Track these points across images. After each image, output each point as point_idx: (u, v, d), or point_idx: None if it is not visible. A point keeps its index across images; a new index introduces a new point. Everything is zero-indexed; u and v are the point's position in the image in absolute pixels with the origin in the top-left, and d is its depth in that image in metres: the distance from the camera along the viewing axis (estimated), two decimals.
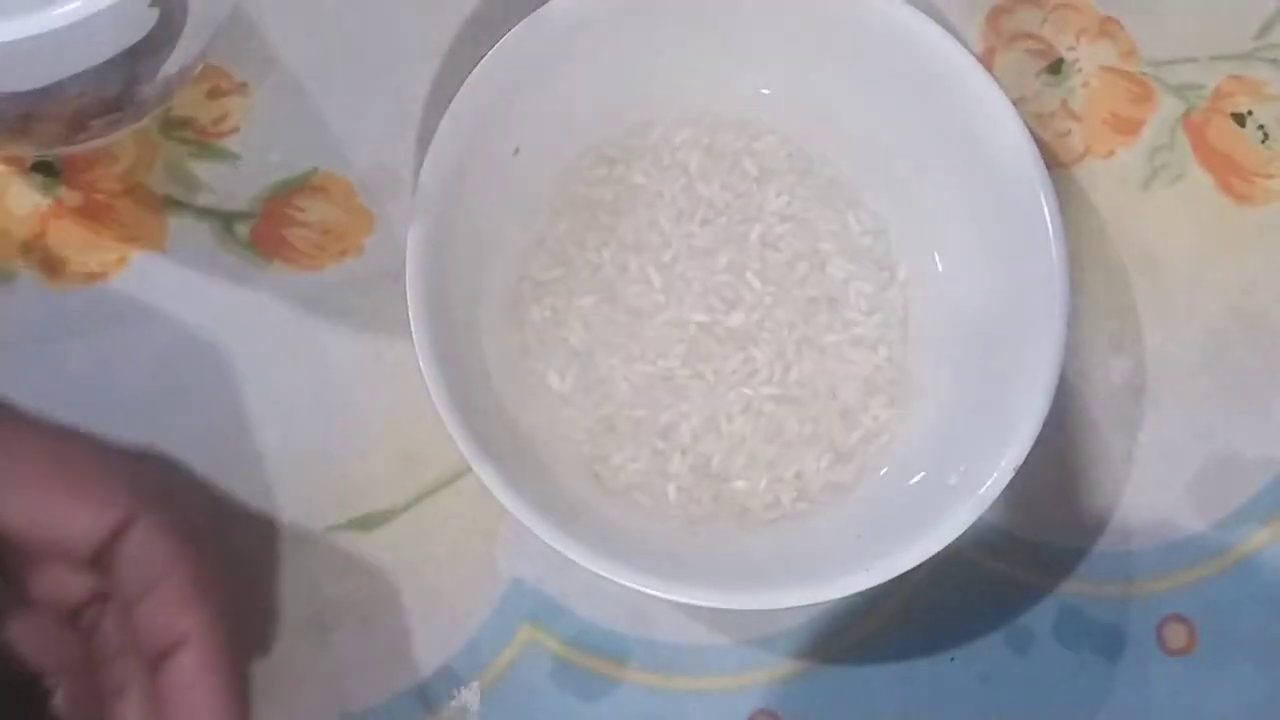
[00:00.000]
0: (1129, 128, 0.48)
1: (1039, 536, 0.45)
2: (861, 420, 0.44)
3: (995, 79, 0.43)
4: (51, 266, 0.44)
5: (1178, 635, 0.45)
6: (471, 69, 0.42)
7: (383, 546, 0.44)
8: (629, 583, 0.40)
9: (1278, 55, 0.49)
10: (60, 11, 0.32)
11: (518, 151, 0.44)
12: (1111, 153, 0.48)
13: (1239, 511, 0.46)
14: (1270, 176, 0.48)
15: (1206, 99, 0.49)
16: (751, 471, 0.44)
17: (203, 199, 0.45)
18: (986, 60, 0.48)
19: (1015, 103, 0.43)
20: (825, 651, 0.44)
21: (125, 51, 0.35)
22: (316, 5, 0.46)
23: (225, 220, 0.45)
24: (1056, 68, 0.48)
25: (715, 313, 0.45)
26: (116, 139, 0.44)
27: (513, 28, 0.42)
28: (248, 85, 0.46)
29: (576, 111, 0.44)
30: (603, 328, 0.44)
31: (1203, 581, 0.46)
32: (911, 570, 0.40)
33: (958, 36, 0.44)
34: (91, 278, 0.44)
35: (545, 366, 0.44)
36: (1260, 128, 0.49)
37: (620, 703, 0.44)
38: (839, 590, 0.40)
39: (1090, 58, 0.49)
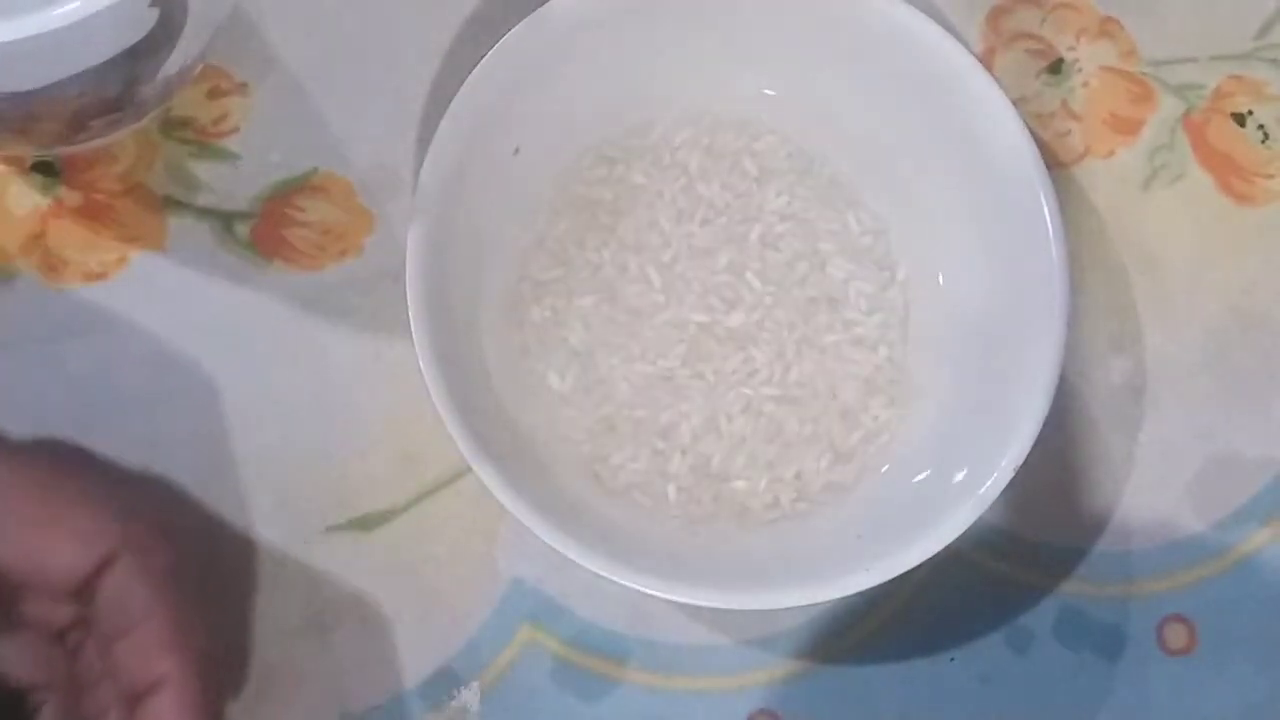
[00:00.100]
0: (1129, 128, 0.48)
1: (1039, 536, 0.45)
2: (861, 420, 0.44)
3: (995, 79, 0.43)
4: (51, 266, 0.44)
5: (1178, 635, 0.45)
6: (471, 69, 0.42)
7: (383, 546, 0.44)
8: (629, 583, 0.40)
9: (1278, 55, 0.49)
10: (60, 11, 0.32)
11: (518, 151, 0.44)
12: (1111, 153, 0.48)
13: (1239, 511, 0.46)
14: (1270, 176, 0.48)
15: (1206, 99, 0.49)
16: (751, 471, 0.44)
17: (203, 199, 0.45)
18: (986, 60, 0.48)
19: (1015, 103, 0.43)
20: (825, 651, 0.44)
21: (125, 51, 0.35)
22: (316, 5, 0.46)
23: (225, 220, 0.45)
24: (1056, 68, 0.48)
25: (715, 313, 0.45)
26: (116, 139, 0.44)
27: (513, 28, 0.42)
28: (248, 85, 0.46)
29: (576, 111, 0.44)
30: (603, 328, 0.44)
31: (1203, 581, 0.46)
32: (911, 570, 0.40)
33: (958, 36, 0.44)
34: (91, 278, 0.44)
35: (545, 366, 0.44)
36: (1260, 128, 0.49)
37: (620, 703, 0.44)
38: (839, 590, 0.40)
39: (1090, 58, 0.49)
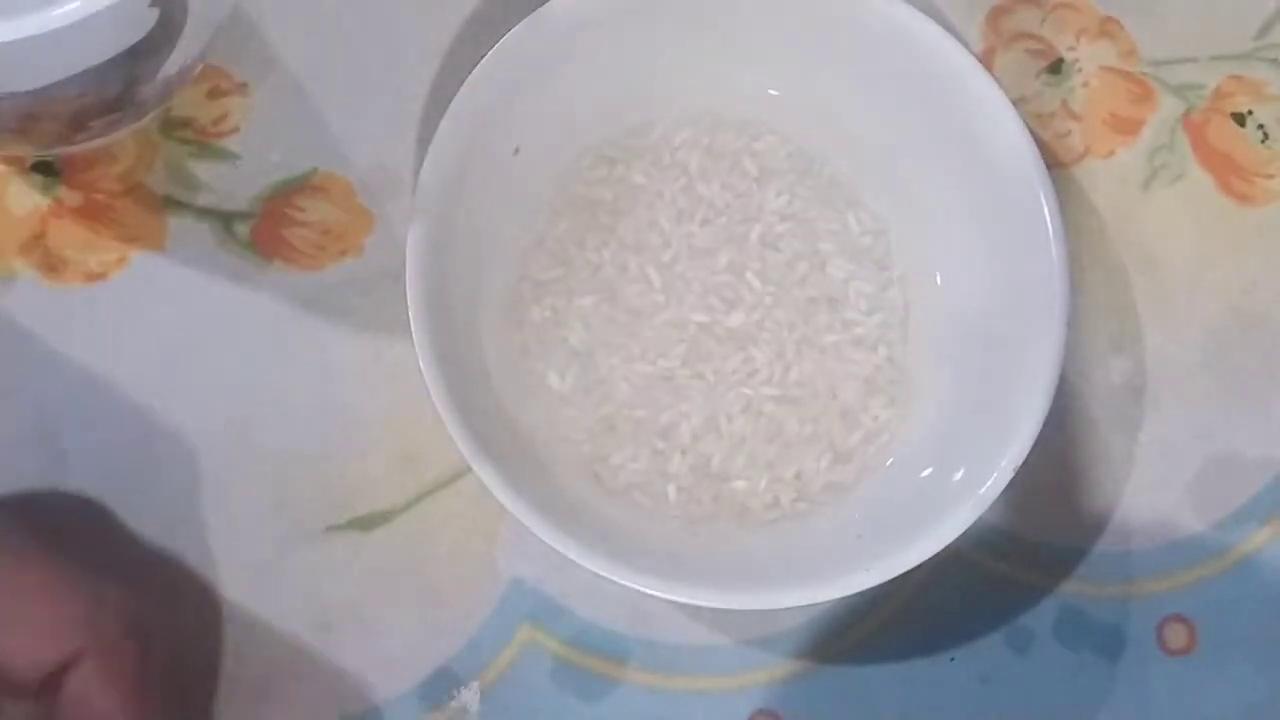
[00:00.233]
0: (1129, 128, 0.48)
1: (1039, 536, 0.45)
2: (861, 420, 0.44)
3: (995, 79, 0.43)
4: (51, 266, 0.44)
5: (1178, 635, 0.45)
6: (471, 69, 0.42)
7: (383, 546, 0.44)
8: (629, 583, 0.40)
9: (1278, 55, 0.49)
10: (60, 11, 0.32)
11: (518, 151, 0.44)
12: (1111, 153, 0.48)
13: (1239, 511, 0.46)
14: (1270, 176, 0.48)
15: (1206, 99, 0.49)
16: (751, 471, 0.44)
17: (203, 199, 0.45)
18: (986, 60, 0.48)
19: (1015, 103, 0.43)
20: (825, 651, 0.44)
21: (125, 51, 0.35)
22: (316, 5, 0.46)
23: (225, 220, 0.45)
24: (1056, 68, 0.48)
25: (715, 313, 0.45)
26: (116, 139, 0.44)
27: (513, 28, 0.42)
28: (248, 85, 0.46)
29: (576, 111, 0.44)
30: (603, 328, 0.44)
31: (1203, 581, 0.46)
32: (911, 570, 0.40)
33: (958, 36, 0.44)
34: (91, 278, 0.44)
35: (545, 366, 0.44)
36: (1260, 128, 0.49)
37: (620, 703, 0.44)
38: (839, 590, 0.40)
39: (1090, 58, 0.49)
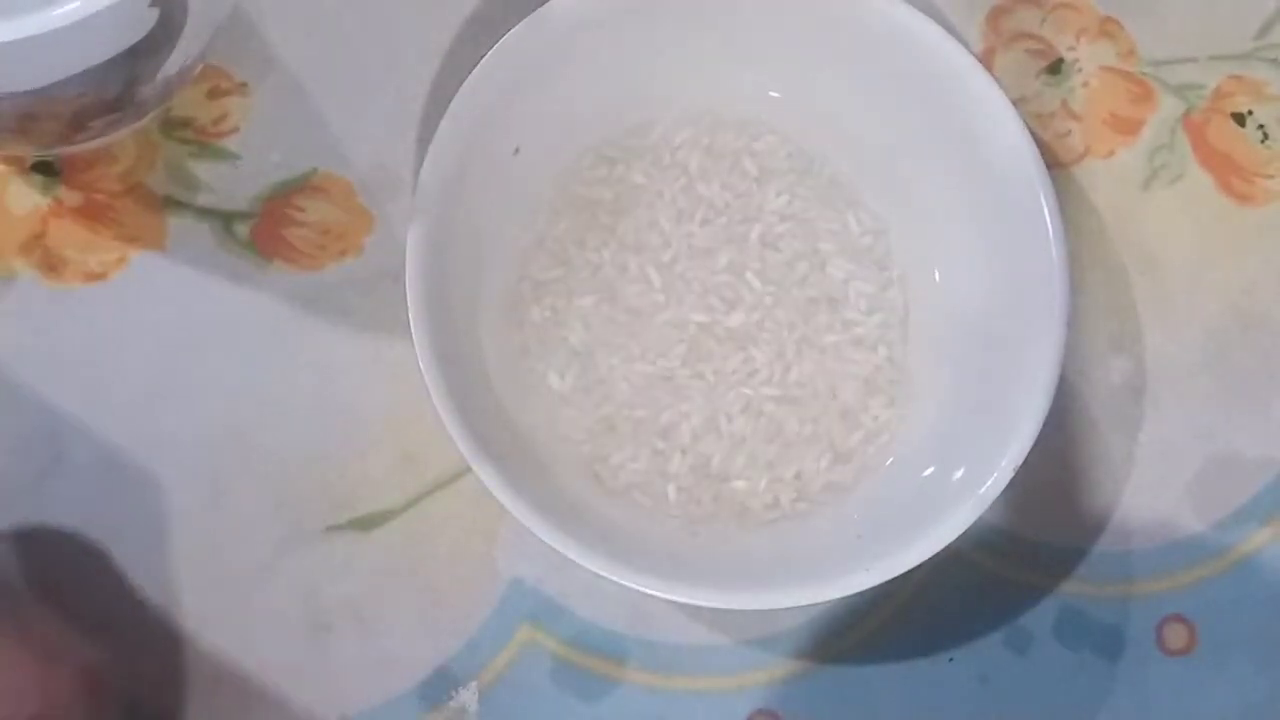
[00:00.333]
0: (1129, 128, 0.48)
1: (1039, 536, 0.45)
2: (861, 420, 0.44)
3: (995, 79, 0.43)
4: (51, 266, 0.44)
5: (1178, 635, 0.45)
6: (471, 69, 0.42)
7: (383, 546, 0.44)
8: (629, 583, 0.40)
9: (1278, 55, 0.49)
10: (60, 11, 0.32)
11: (518, 151, 0.44)
12: (1111, 153, 0.48)
13: (1239, 511, 0.46)
14: (1270, 176, 0.48)
15: (1206, 99, 0.49)
16: (751, 471, 0.44)
17: (203, 199, 0.45)
18: (986, 60, 0.48)
19: (1015, 103, 0.43)
20: (825, 651, 0.44)
21: (125, 51, 0.35)
22: (316, 5, 0.46)
23: (225, 220, 0.45)
24: (1056, 68, 0.48)
25: (715, 313, 0.45)
26: (116, 139, 0.44)
27: (513, 28, 0.42)
28: (248, 85, 0.46)
29: (576, 111, 0.44)
30: (603, 328, 0.44)
31: (1203, 581, 0.46)
32: (911, 570, 0.40)
33: (958, 36, 0.44)
34: (91, 278, 0.44)
35: (545, 366, 0.44)
36: (1260, 128, 0.49)
37: (620, 703, 0.44)
38: (839, 590, 0.40)
39: (1090, 58, 0.49)
